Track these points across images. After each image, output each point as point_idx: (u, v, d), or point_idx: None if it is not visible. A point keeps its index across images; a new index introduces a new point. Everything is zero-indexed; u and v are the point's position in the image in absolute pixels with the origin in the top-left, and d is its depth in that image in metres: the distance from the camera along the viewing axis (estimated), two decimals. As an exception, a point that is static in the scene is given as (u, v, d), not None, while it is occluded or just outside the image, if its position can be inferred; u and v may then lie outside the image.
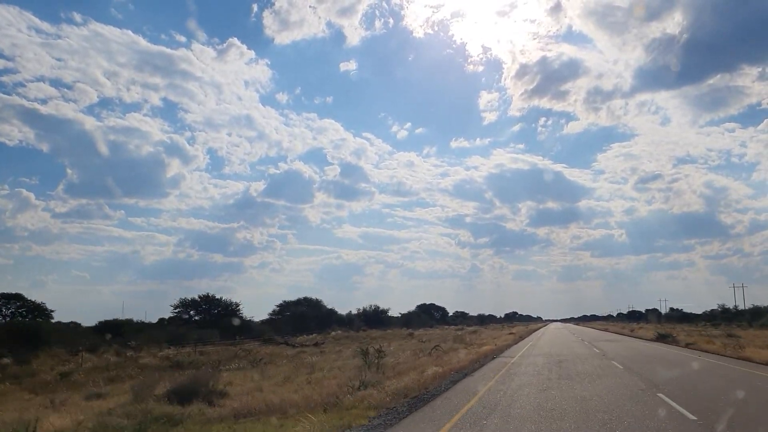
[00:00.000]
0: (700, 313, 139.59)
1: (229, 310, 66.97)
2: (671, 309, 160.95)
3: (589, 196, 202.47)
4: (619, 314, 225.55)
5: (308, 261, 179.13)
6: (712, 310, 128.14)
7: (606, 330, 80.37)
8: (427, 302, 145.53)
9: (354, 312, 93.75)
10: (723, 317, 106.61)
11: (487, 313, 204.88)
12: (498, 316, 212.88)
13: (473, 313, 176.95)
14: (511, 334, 52.60)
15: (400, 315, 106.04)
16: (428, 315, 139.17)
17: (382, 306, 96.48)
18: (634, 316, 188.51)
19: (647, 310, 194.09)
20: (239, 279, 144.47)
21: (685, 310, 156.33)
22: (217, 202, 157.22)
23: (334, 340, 52.29)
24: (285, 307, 76.93)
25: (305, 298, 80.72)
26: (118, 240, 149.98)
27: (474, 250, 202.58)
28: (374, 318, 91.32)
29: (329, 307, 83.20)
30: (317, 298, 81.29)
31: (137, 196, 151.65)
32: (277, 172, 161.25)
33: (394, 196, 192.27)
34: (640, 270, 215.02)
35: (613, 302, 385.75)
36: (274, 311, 76.29)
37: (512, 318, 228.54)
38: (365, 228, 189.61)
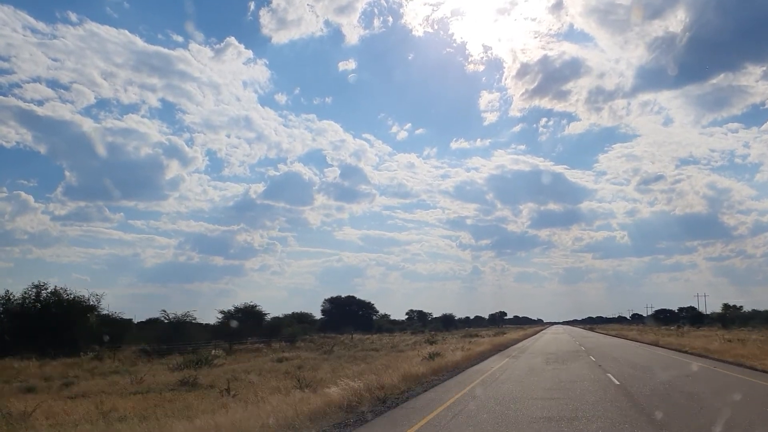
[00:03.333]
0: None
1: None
2: (728, 306, 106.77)
3: (590, 197, 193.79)
4: (634, 315, 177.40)
5: (309, 263, 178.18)
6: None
7: (704, 354, 27.14)
8: (344, 295, 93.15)
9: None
10: None
11: (473, 316, 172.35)
12: (485, 317, 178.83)
13: (439, 313, 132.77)
14: None
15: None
16: (345, 317, 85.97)
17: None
18: (664, 317, 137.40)
19: (681, 309, 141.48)
20: (240, 282, 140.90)
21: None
22: (217, 205, 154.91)
23: None
24: None
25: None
26: (118, 243, 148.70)
27: (475, 252, 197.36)
28: (178, 328, 39.47)
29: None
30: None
31: (136, 198, 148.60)
32: (277, 173, 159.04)
33: (395, 197, 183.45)
34: (642, 271, 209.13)
35: (616, 304, 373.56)
36: None
37: (498, 320, 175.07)
38: (366, 230, 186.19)
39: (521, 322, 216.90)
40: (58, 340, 33.98)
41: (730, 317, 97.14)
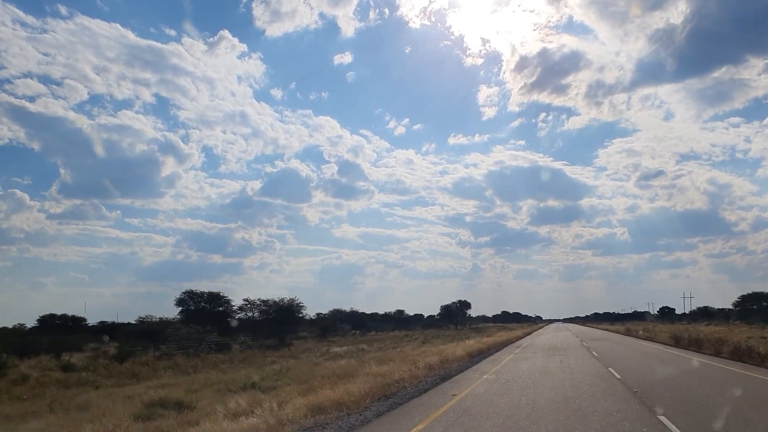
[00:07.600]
0: None
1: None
2: None
3: (590, 193, 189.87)
4: (663, 309, 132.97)
5: (308, 261, 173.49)
6: None
7: None
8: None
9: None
10: None
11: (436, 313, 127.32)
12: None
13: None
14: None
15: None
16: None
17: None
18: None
19: (757, 294, 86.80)
20: (239, 280, 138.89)
21: None
22: (214, 202, 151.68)
23: None
24: None
25: None
26: (115, 241, 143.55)
27: (475, 250, 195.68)
28: None
29: None
30: None
31: (133, 196, 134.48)
32: (274, 170, 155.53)
33: (393, 194, 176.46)
34: (642, 268, 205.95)
35: (618, 301, 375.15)
36: None
37: (456, 317, 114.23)
38: (364, 228, 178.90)
39: (511, 319, 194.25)
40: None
41: None
